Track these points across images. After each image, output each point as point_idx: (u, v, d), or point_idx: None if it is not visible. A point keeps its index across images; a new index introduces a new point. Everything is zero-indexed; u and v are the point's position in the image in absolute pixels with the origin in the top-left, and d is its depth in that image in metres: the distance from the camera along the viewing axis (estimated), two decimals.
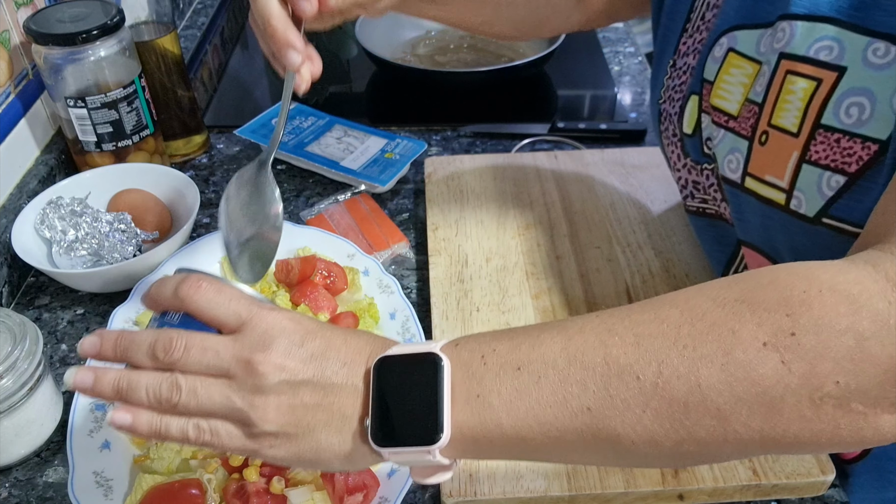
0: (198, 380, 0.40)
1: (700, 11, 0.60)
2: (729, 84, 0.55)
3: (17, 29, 0.79)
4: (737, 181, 0.53)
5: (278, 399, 0.39)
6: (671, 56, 0.63)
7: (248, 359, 0.39)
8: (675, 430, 0.36)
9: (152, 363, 0.41)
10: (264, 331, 0.40)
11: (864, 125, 0.45)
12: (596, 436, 0.37)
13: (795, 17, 0.48)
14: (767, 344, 0.34)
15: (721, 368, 0.35)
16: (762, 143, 0.51)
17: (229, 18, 1.28)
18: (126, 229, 0.74)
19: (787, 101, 0.49)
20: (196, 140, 0.93)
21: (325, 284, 0.70)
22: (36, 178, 0.80)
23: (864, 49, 0.45)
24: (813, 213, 0.48)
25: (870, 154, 0.45)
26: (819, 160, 0.47)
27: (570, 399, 0.37)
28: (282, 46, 0.52)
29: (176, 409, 0.40)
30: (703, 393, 0.35)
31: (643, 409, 0.36)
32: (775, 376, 0.34)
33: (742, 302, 0.36)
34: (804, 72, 0.47)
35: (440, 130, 0.98)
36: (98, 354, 0.42)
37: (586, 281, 0.71)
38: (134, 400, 0.40)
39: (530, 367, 0.38)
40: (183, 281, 0.42)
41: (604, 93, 1.08)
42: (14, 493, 0.58)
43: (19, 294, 0.75)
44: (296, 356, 0.39)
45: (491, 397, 0.38)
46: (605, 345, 0.37)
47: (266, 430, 0.39)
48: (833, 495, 0.56)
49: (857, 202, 0.46)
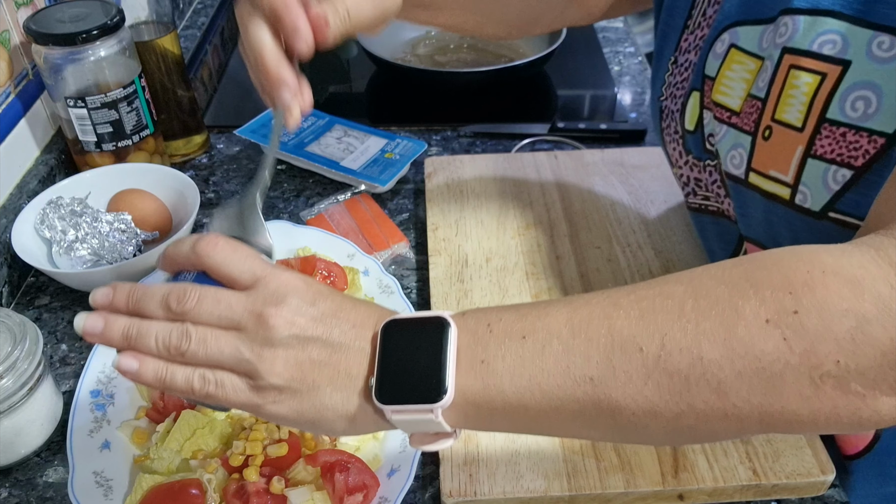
0: (208, 330, 0.40)
1: (701, 8, 0.60)
2: (731, 80, 0.55)
3: (17, 29, 0.79)
4: (740, 177, 0.53)
5: (286, 353, 0.39)
6: (672, 53, 0.63)
7: (260, 312, 0.39)
8: (676, 403, 0.36)
9: (165, 314, 0.41)
10: (277, 287, 0.40)
11: (871, 119, 0.45)
12: (597, 405, 0.37)
13: (798, 11, 0.48)
14: (770, 321, 0.35)
15: (723, 343, 0.35)
16: (766, 138, 0.51)
17: (229, 18, 1.28)
18: (126, 229, 0.74)
19: (791, 96, 0.48)
20: (196, 140, 0.93)
21: (325, 284, 0.69)
22: (36, 178, 0.80)
23: (868, 42, 0.45)
24: (819, 208, 0.48)
25: (876, 147, 0.45)
26: (824, 154, 0.47)
27: (573, 368, 0.37)
28: (273, 84, 0.50)
29: (184, 359, 0.40)
30: (705, 366, 0.35)
31: (645, 381, 0.36)
32: (776, 353, 0.34)
33: (746, 281, 0.36)
34: (808, 66, 0.47)
35: (440, 130, 0.98)
36: (110, 305, 0.42)
37: (586, 281, 0.71)
38: (143, 347, 0.40)
39: (535, 335, 0.38)
40: (200, 239, 0.42)
41: (604, 93, 1.08)
42: (14, 493, 0.58)
43: (19, 294, 0.75)
44: (307, 314, 0.40)
45: (495, 363, 0.38)
46: (609, 317, 0.38)
47: (271, 383, 0.39)
48: (833, 495, 0.56)
49: (863, 196, 0.46)
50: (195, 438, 0.56)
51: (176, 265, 0.44)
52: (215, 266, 0.41)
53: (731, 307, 0.36)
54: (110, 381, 0.62)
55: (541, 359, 0.38)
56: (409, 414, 0.39)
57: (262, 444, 0.55)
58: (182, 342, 0.40)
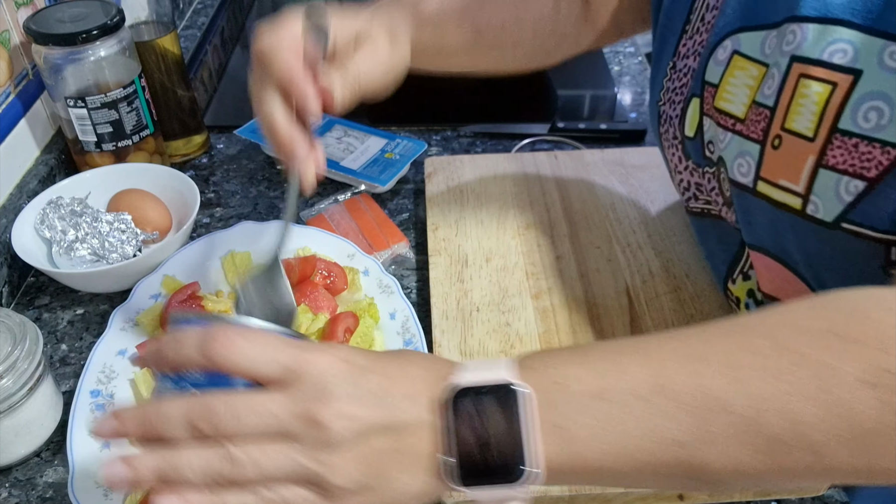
0: (256, 448, 0.35)
1: (700, 13, 0.59)
2: (734, 87, 0.54)
3: (17, 29, 0.79)
4: (748, 185, 0.53)
5: (349, 452, 0.35)
6: (671, 58, 0.63)
7: (308, 413, 0.35)
8: (766, 463, 0.35)
9: (194, 436, 0.36)
10: (316, 379, 0.36)
11: (884, 129, 0.44)
12: (685, 467, 0.36)
13: (805, 19, 0.48)
14: (865, 382, 0.34)
15: (817, 404, 0.34)
16: (775, 147, 0.50)
17: (229, 18, 1.28)
18: (126, 229, 0.74)
19: (801, 105, 0.48)
20: (196, 140, 0.93)
21: (325, 284, 0.70)
22: (36, 178, 0.80)
23: (879, 52, 0.44)
24: (832, 219, 0.47)
25: (890, 159, 0.44)
26: (836, 165, 0.46)
27: (660, 431, 0.35)
28: (286, 153, 0.53)
29: (234, 484, 0.35)
30: (801, 429, 0.34)
31: (738, 443, 0.35)
32: (874, 414, 0.34)
33: (832, 333, 0.35)
34: (818, 75, 0.46)
35: (440, 130, 0.98)
36: (120, 436, 0.37)
37: (586, 281, 0.71)
38: (182, 482, 0.35)
39: (614, 396, 0.36)
40: (208, 340, 0.37)
41: (604, 93, 1.08)
42: (14, 493, 0.58)
43: (19, 294, 0.75)
44: (357, 400, 0.36)
45: (575, 429, 0.36)
46: (697, 374, 0.36)
47: (341, 486, 0.35)
48: (833, 495, 0.56)
49: (877, 207, 0.45)
50: None
51: (175, 366, 0.38)
52: (236, 368, 0.37)
53: (824, 365, 0.34)
54: (110, 381, 0.62)
55: (623, 422, 0.36)
56: (490, 492, 0.36)
57: None
58: (229, 468, 0.35)
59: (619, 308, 0.69)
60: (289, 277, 0.70)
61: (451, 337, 0.66)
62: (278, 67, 0.52)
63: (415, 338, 0.65)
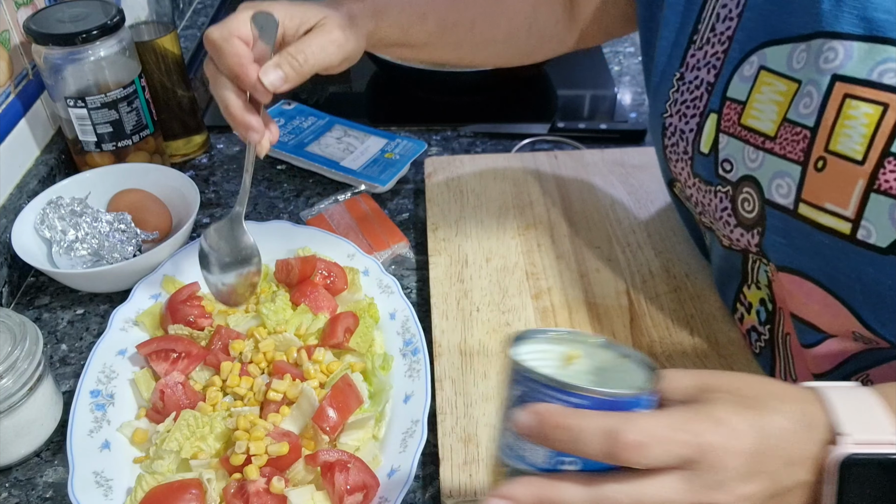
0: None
1: (708, 23, 0.58)
2: (761, 103, 0.53)
3: (17, 29, 0.79)
4: (788, 207, 0.51)
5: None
6: (677, 69, 0.61)
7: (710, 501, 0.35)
8: None
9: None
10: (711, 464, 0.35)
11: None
12: None
13: (844, 35, 0.46)
14: None
15: None
16: (819, 170, 0.48)
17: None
18: (126, 229, 0.74)
19: (848, 127, 0.46)
20: (196, 140, 0.93)
21: (325, 284, 0.70)
22: (36, 178, 0.80)
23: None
24: (886, 244, 0.46)
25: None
26: (889, 190, 0.45)
27: None
28: (241, 128, 0.59)
29: None
30: None
31: None
32: None
33: None
34: (867, 96, 0.45)
35: (440, 130, 0.98)
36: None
37: (586, 281, 0.71)
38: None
39: None
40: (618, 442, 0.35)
41: (604, 93, 1.08)
42: (14, 493, 0.58)
43: (19, 294, 0.75)
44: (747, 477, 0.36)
45: None
46: None
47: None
48: None
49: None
50: (195, 438, 0.56)
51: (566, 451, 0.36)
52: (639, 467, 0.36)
53: None
54: (110, 381, 0.62)
55: None
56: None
57: (265, 443, 0.55)
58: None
59: (619, 308, 0.69)
60: (289, 277, 0.70)
61: (451, 337, 0.66)
62: (228, 58, 0.57)
63: (415, 338, 0.65)
